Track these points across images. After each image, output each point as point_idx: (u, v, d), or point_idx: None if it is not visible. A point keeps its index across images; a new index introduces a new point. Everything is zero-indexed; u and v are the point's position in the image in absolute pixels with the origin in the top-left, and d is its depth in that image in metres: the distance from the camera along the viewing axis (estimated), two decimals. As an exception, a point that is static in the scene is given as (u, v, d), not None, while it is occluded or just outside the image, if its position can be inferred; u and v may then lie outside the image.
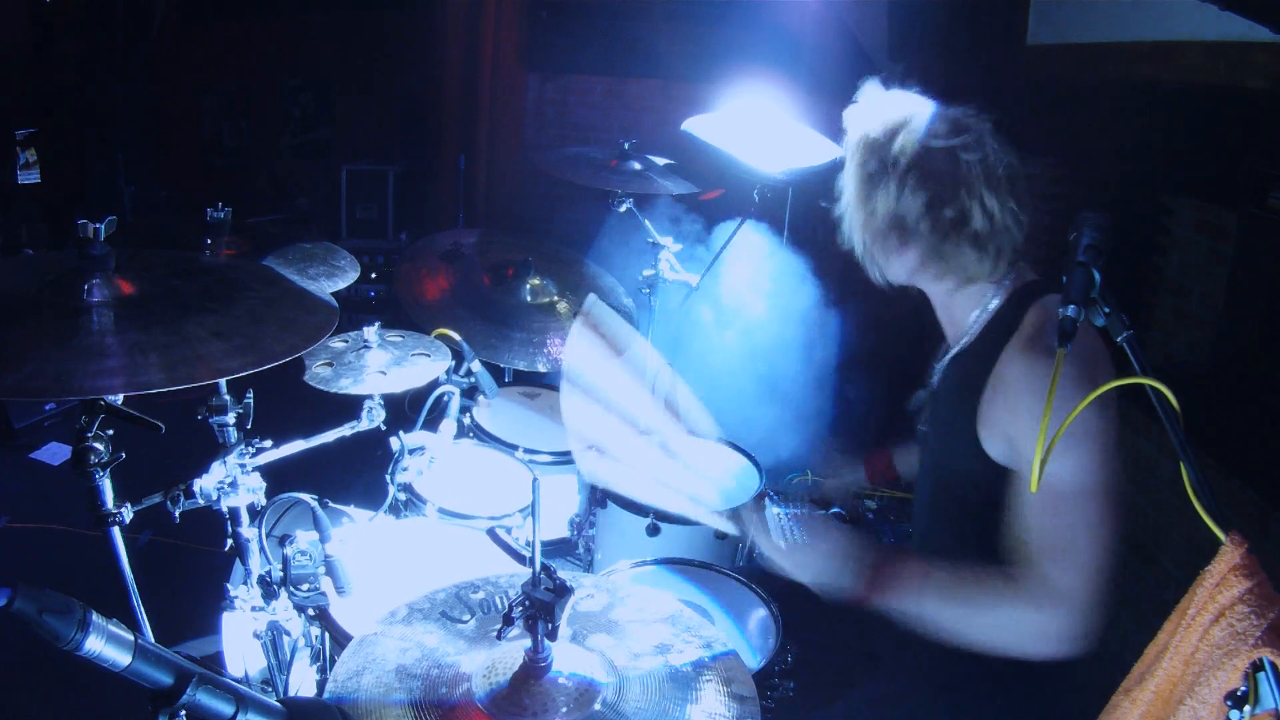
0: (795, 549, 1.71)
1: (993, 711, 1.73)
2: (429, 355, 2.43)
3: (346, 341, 2.40)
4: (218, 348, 1.45)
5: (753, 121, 2.94)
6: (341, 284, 2.57)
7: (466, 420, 2.77)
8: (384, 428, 2.27)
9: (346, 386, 2.25)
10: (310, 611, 1.73)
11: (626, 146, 3.12)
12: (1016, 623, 1.52)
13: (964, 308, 1.74)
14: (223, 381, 1.81)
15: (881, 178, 1.63)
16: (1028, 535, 1.55)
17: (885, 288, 1.79)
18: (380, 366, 2.33)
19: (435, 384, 2.43)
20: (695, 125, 2.89)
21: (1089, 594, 1.48)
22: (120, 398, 1.59)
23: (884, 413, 3.32)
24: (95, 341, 1.42)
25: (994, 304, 1.69)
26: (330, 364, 2.31)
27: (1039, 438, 1.20)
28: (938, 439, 1.80)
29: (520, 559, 1.26)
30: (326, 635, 1.81)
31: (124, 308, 1.50)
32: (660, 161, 3.18)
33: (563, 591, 1.23)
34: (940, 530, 1.83)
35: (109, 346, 1.41)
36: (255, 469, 1.92)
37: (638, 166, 3.11)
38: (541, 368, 2.87)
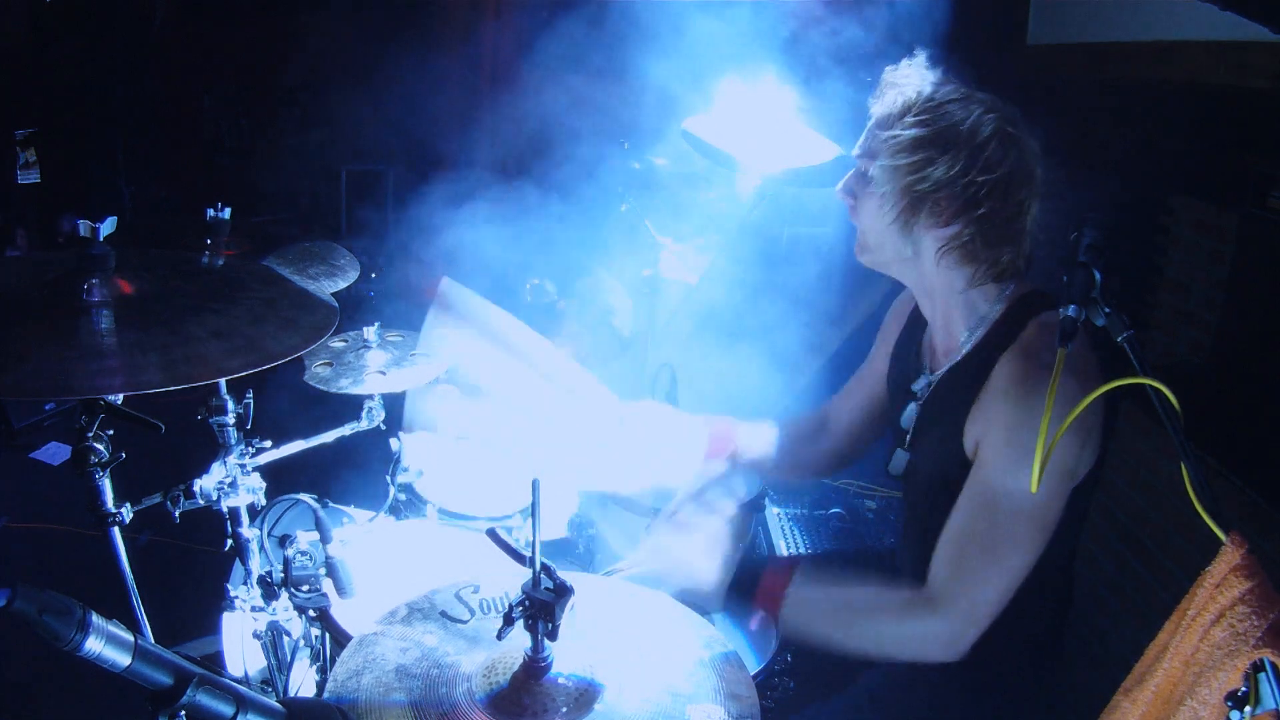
0: (653, 556, 1.70)
1: (993, 711, 1.74)
2: (428, 355, 2.43)
3: (346, 341, 2.39)
4: (218, 347, 1.45)
5: (752, 121, 2.94)
6: (342, 284, 2.57)
7: (467, 420, 2.77)
8: (384, 428, 2.27)
9: (346, 386, 2.25)
10: (311, 612, 1.73)
11: (626, 146, 3.12)
12: (906, 633, 1.53)
13: (962, 313, 1.67)
14: (223, 381, 1.82)
15: (950, 143, 1.53)
16: (949, 537, 1.54)
17: (867, 266, 1.72)
18: (380, 366, 2.32)
19: (434, 384, 2.43)
20: (694, 125, 2.89)
21: (985, 608, 1.48)
22: (120, 397, 1.59)
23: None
24: (95, 341, 1.41)
25: (995, 313, 1.63)
26: (330, 364, 2.31)
27: (1039, 441, 1.20)
28: (929, 454, 1.75)
29: (520, 559, 1.26)
30: (326, 635, 1.81)
31: (124, 308, 1.49)
32: (659, 161, 3.18)
33: (563, 591, 1.23)
34: (924, 547, 1.81)
35: (109, 346, 1.41)
36: (255, 469, 1.93)
37: (637, 166, 3.11)
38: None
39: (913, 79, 1.61)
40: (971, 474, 1.55)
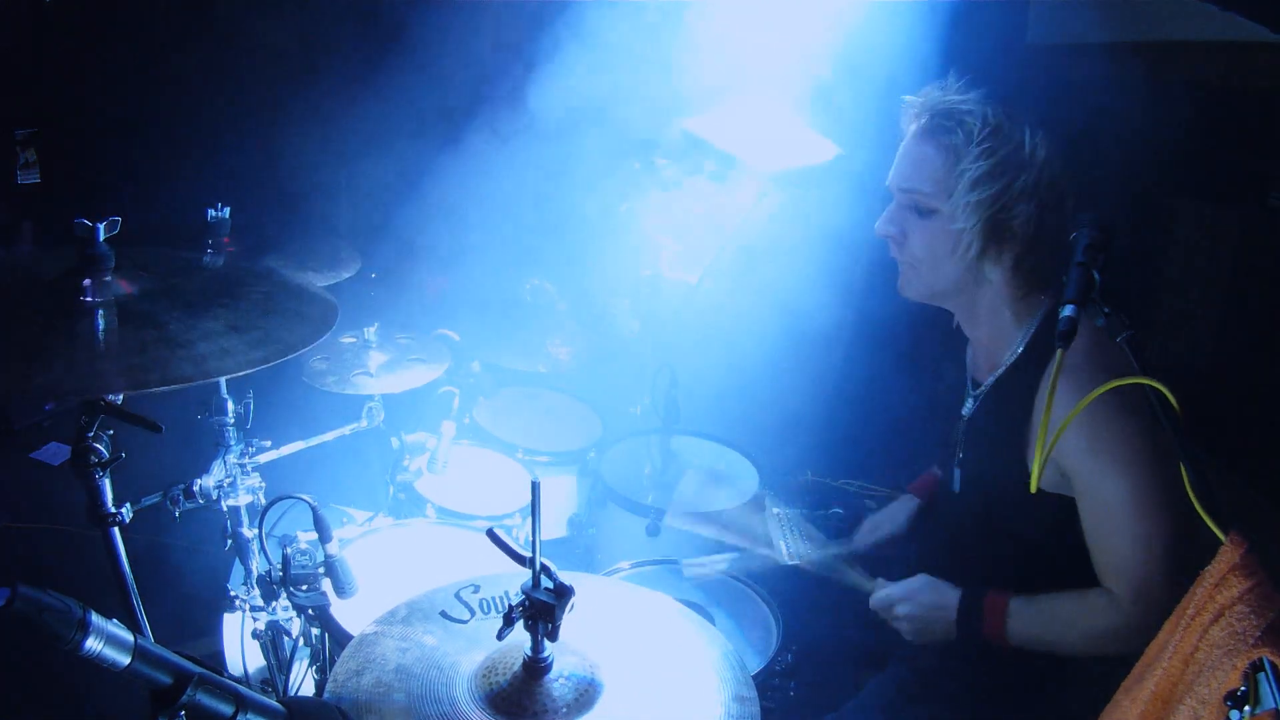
0: (897, 607, 1.74)
1: (994, 714, 1.74)
2: (426, 358, 2.45)
3: (355, 339, 2.41)
4: (238, 340, 1.44)
5: (752, 120, 2.95)
6: (340, 278, 2.56)
7: (466, 420, 2.77)
8: (384, 428, 2.27)
9: (332, 385, 2.26)
10: (310, 612, 1.73)
11: (637, 166, 3.13)
12: (1107, 631, 1.56)
13: (1007, 331, 1.69)
14: (222, 381, 1.82)
15: (1020, 166, 1.56)
16: (1095, 555, 1.58)
17: (912, 299, 1.73)
18: (372, 368, 2.33)
19: (435, 384, 2.44)
20: (695, 124, 2.89)
21: (1154, 597, 1.50)
22: (120, 397, 1.59)
23: (889, 412, 3.32)
24: (114, 340, 1.40)
25: (1034, 327, 1.66)
26: (324, 360, 2.33)
27: (1040, 439, 1.21)
28: (979, 466, 1.77)
29: (520, 559, 1.26)
30: (326, 635, 1.81)
31: (133, 306, 1.48)
32: (660, 161, 3.18)
33: (563, 592, 1.23)
34: (972, 551, 1.82)
35: (131, 345, 1.39)
36: (255, 469, 1.93)
37: (637, 166, 3.11)
38: (541, 368, 2.87)
39: (959, 104, 1.60)
40: (1081, 502, 1.57)
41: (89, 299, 1.46)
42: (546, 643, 1.25)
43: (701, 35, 2.92)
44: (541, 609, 1.22)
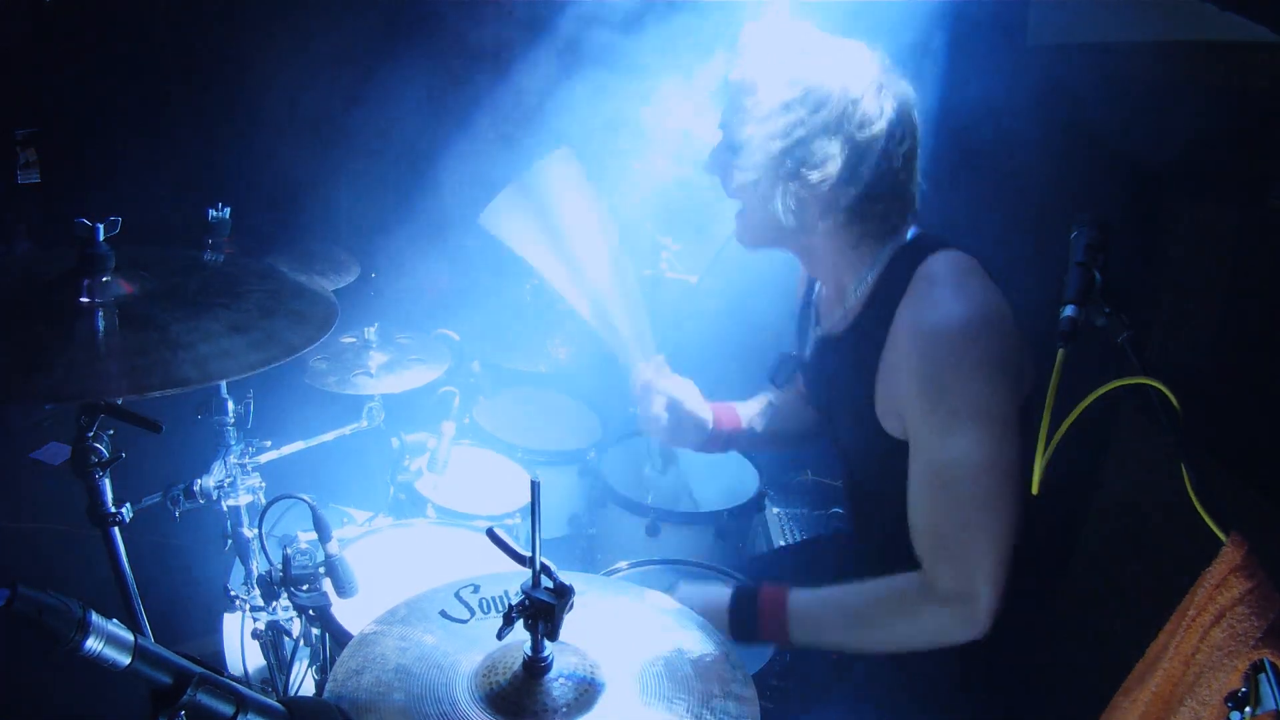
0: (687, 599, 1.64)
1: (992, 713, 1.74)
2: (426, 358, 2.45)
3: (355, 339, 2.41)
4: (240, 342, 1.44)
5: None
6: (342, 283, 2.57)
7: (466, 420, 2.77)
8: (384, 428, 2.27)
9: (333, 385, 2.26)
10: (310, 612, 1.73)
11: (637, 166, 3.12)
12: (919, 627, 1.46)
13: (851, 276, 1.59)
14: (223, 381, 1.82)
15: (821, 102, 1.45)
16: (918, 525, 1.47)
17: (750, 248, 1.64)
18: (372, 368, 2.34)
19: (435, 384, 2.44)
20: (689, 121, 2.89)
21: (985, 583, 1.40)
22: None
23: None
24: (116, 343, 1.40)
25: (879, 270, 1.56)
26: (325, 360, 2.33)
27: (1039, 439, 1.20)
28: (839, 421, 1.71)
29: (520, 559, 1.26)
30: (326, 635, 1.81)
31: (134, 308, 1.48)
32: (659, 162, 3.18)
33: (563, 592, 1.23)
34: (868, 512, 1.78)
35: (114, 348, 1.40)
36: (255, 469, 1.93)
37: (636, 166, 3.11)
38: (541, 368, 2.87)
39: (774, 35, 1.51)
40: (911, 458, 1.48)
41: (88, 299, 1.46)
42: (546, 642, 1.25)
43: (700, 36, 2.92)
44: (541, 609, 1.22)
